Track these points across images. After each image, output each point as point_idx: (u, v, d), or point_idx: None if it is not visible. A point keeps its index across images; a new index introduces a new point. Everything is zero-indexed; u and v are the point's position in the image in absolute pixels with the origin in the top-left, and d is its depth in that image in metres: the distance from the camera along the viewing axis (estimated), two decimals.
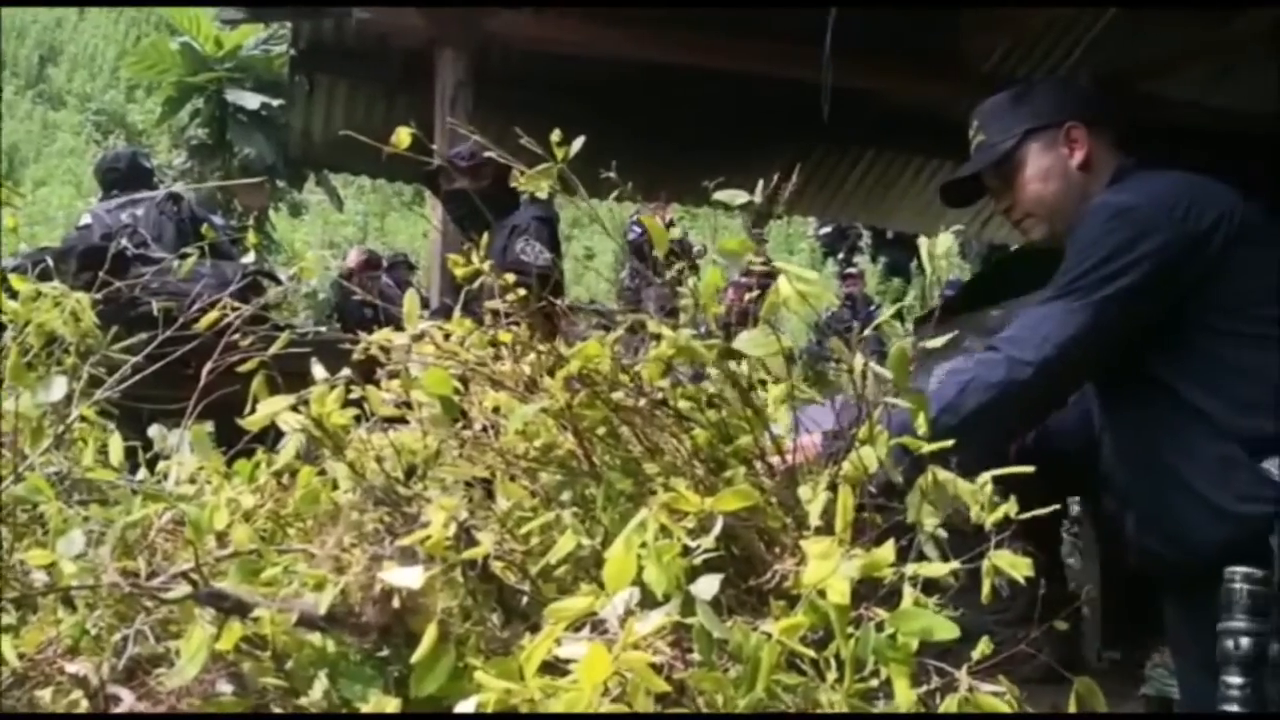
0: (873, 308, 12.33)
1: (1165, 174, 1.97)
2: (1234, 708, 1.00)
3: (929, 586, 1.38)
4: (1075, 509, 6.14)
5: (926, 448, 1.46)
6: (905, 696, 1.19)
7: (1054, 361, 1.85)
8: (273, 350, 1.53)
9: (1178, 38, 3.97)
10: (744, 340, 1.48)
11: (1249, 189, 1.95)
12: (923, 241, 1.46)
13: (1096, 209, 1.93)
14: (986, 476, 1.45)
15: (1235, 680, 0.98)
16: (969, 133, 2.13)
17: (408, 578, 1.03)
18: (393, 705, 1.05)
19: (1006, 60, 4.78)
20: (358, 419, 1.47)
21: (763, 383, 1.64)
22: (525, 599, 1.34)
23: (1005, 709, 1.27)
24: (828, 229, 15.42)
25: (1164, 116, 4.27)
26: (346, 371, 1.41)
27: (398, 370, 1.48)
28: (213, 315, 1.62)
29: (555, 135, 1.45)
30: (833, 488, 1.41)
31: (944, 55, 4.65)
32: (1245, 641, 0.97)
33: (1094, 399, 2.09)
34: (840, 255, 15.48)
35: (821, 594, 1.26)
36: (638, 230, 7.99)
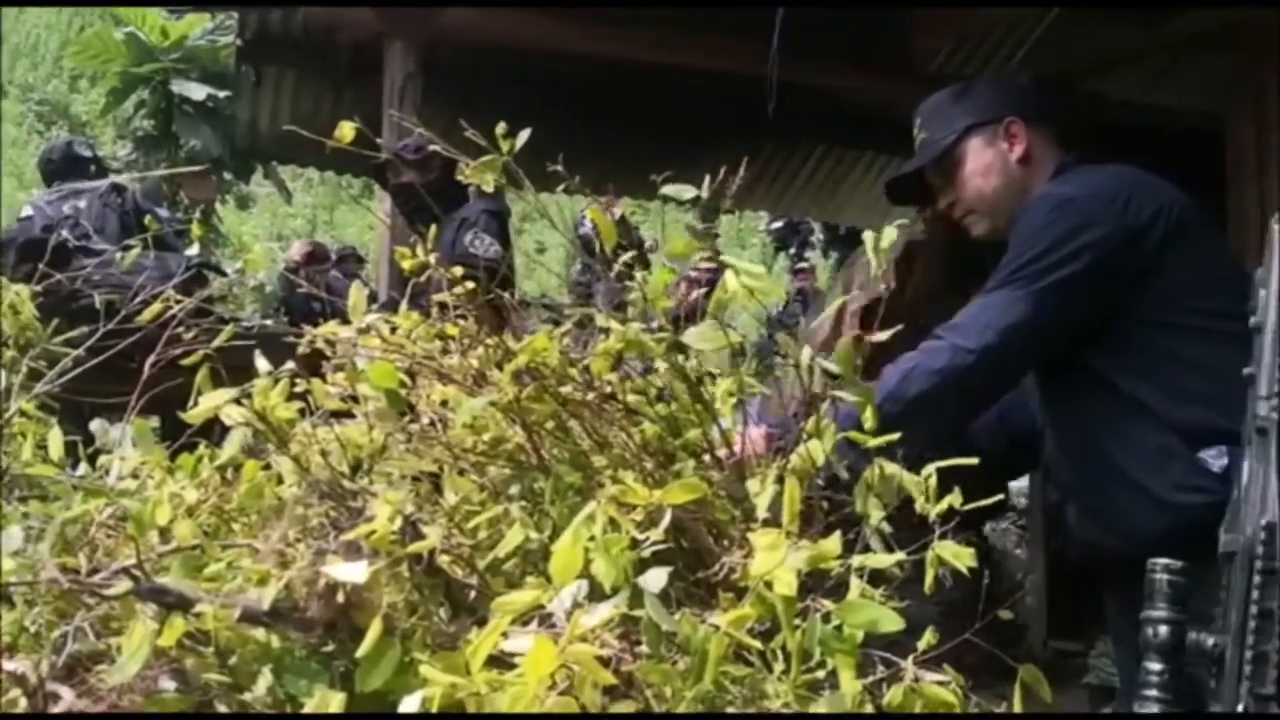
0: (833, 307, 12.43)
1: (1106, 167, 2.00)
2: (1153, 693, 1.02)
3: (877, 578, 1.39)
4: (1023, 501, 6.22)
5: (872, 441, 1.48)
6: (851, 687, 1.20)
7: (996, 349, 1.87)
8: (216, 343, 1.51)
9: (1118, 38, 4.03)
10: (692, 335, 1.49)
11: (1186, 186, 1.98)
12: (867, 236, 1.47)
13: (1039, 200, 1.96)
14: (931, 469, 1.47)
15: (1155, 667, 1.02)
16: (913, 130, 2.15)
17: (352, 572, 1.03)
18: (338, 700, 1.04)
19: (952, 59, 4.83)
20: (303, 413, 1.46)
21: (712, 376, 1.65)
22: (473, 593, 1.33)
23: (950, 699, 1.28)
24: (779, 224, 15.48)
25: (1104, 115, 4.34)
26: (290, 365, 1.39)
27: (344, 364, 1.47)
28: (156, 308, 1.59)
29: (501, 128, 1.45)
30: (781, 480, 1.42)
31: (891, 54, 4.69)
32: (1164, 630, 1.00)
33: (1035, 391, 2.11)
34: (792, 250, 15.54)
35: (769, 586, 1.27)
36: (588, 225, 8.00)
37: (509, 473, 1.55)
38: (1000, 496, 1.59)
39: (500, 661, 1.09)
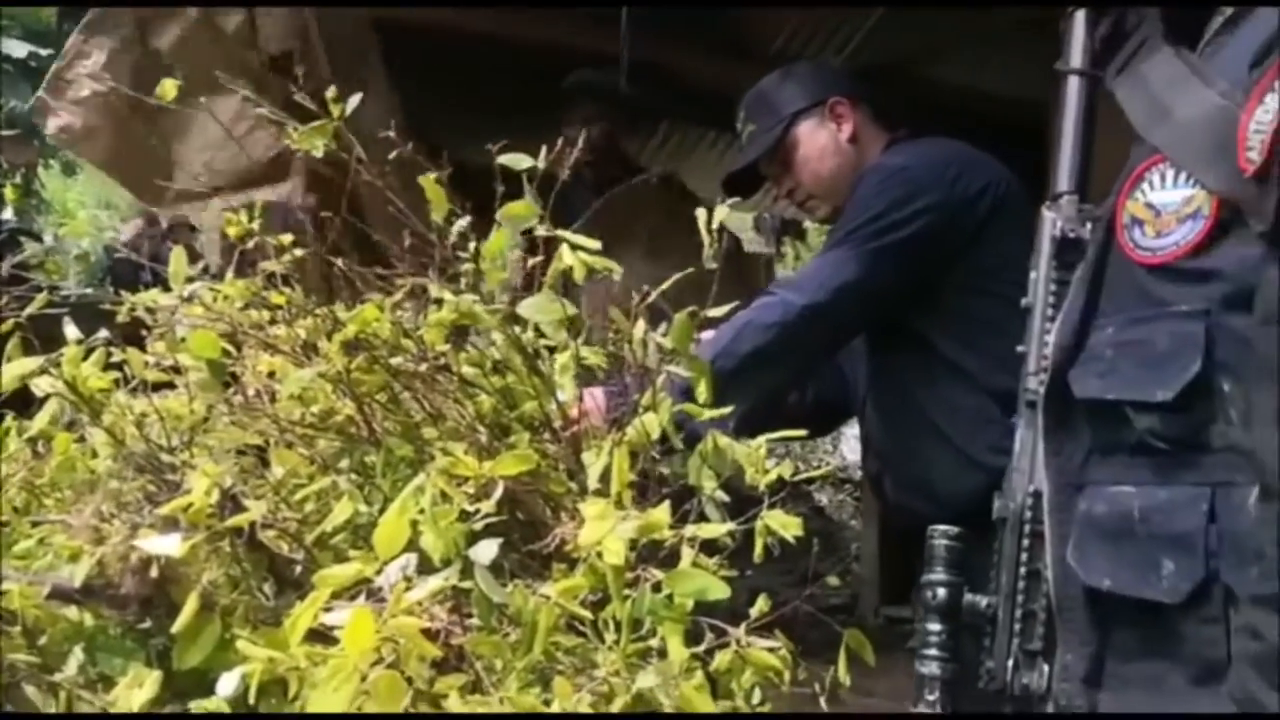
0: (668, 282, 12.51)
1: (936, 141, 2.06)
2: (932, 652, 1.08)
3: (714, 549, 1.41)
4: (859, 473, 6.39)
5: (706, 414, 1.49)
6: (678, 654, 1.22)
7: (826, 305, 1.91)
8: (29, 311, 1.44)
9: (948, 24, 4.15)
10: (528, 306, 1.48)
11: (1011, 167, 2.06)
12: (700, 213, 1.48)
13: (873, 169, 2.01)
14: (761, 440, 1.50)
15: (934, 627, 1.08)
16: (738, 124, 2.17)
17: (165, 546, 0.99)
18: (152, 679, 1.01)
19: (792, 42, 4.90)
20: (121, 384, 1.40)
21: (550, 350, 1.64)
22: (299, 569, 1.31)
23: (777, 664, 1.31)
24: None
25: (936, 99, 4.47)
26: (105, 333, 1.34)
27: (164, 333, 1.42)
28: None
29: (331, 92, 1.41)
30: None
31: (732, 35, 4.74)
32: (941, 592, 1.05)
33: (849, 355, 2.16)
34: None
35: (601, 556, 1.27)
36: None
37: (339, 446, 1.52)
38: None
39: (326, 638, 1.07)
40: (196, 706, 0.99)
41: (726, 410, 1.46)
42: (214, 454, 1.34)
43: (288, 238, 1.63)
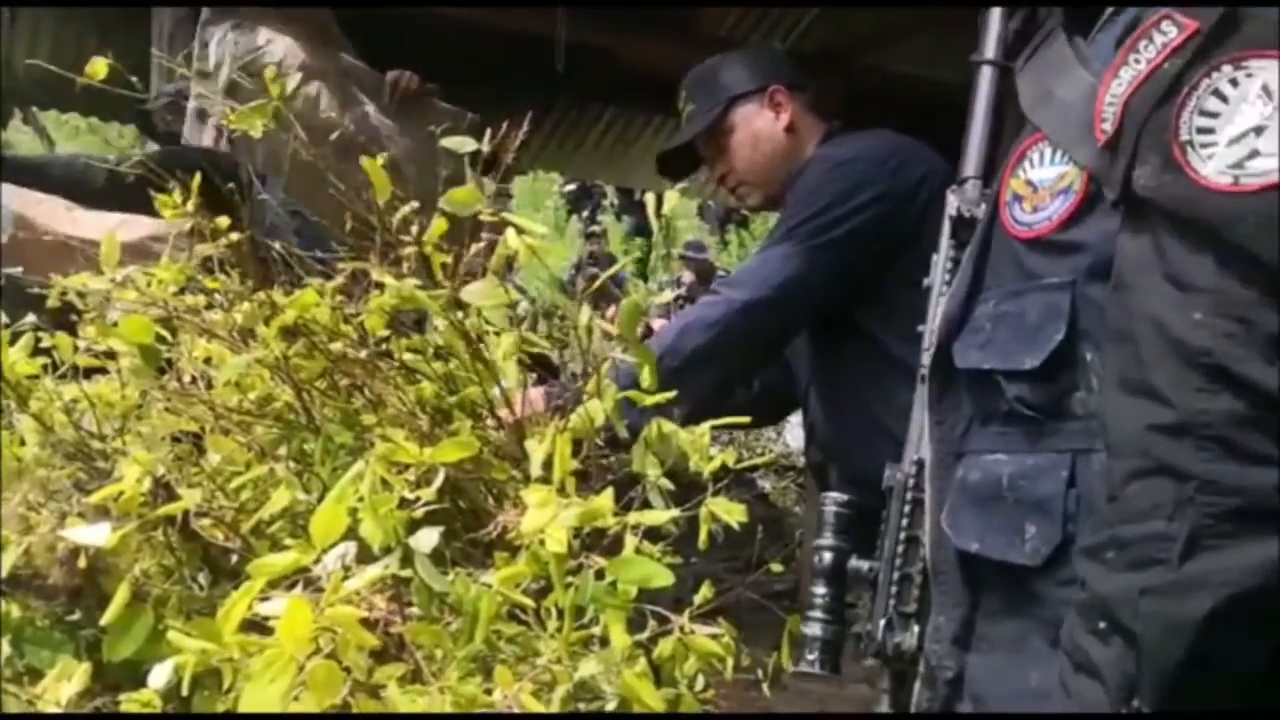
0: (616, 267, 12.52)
1: (874, 133, 2.06)
2: (817, 614, 1.11)
3: (658, 536, 1.40)
4: (801, 461, 6.43)
5: (649, 400, 1.49)
6: (621, 642, 1.21)
7: (769, 303, 1.91)
8: None
9: (897, 11, 4.17)
10: (472, 291, 1.45)
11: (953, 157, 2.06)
12: (649, 197, 1.47)
13: (816, 161, 2.01)
14: (705, 427, 1.49)
15: (820, 590, 1.11)
16: (679, 104, 2.16)
17: (94, 536, 0.96)
18: (81, 671, 0.98)
19: (739, 27, 4.89)
20: (50, 370, 1.36)
21: (494, 334, 1.62)
22: (235, 558, 1.28)
23: (720, 650, 1.31)
24: (572, 186, 15.48)
25: (884, 88, 4.48)
26: (32, 317, 1.30)
27: (95, 317, 1.39)
28: None
29: (270, 72, 1.38)
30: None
31: (679, 18, 4.72)
32: (828, 556, 1.09)
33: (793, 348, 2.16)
34: (585, 214, 15.57)
35: (544, 544, 1.26)
36: None
37: (277, 433, 1.49)
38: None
39: (262, 628, 1.04)
40: (127, 699, 0.97)
41: (670, 395, 1.45)
42: (147, 441, 1.31)
43: (224, 220, 1.60)
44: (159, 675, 0.96)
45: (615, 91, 5.47)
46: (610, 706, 1.32)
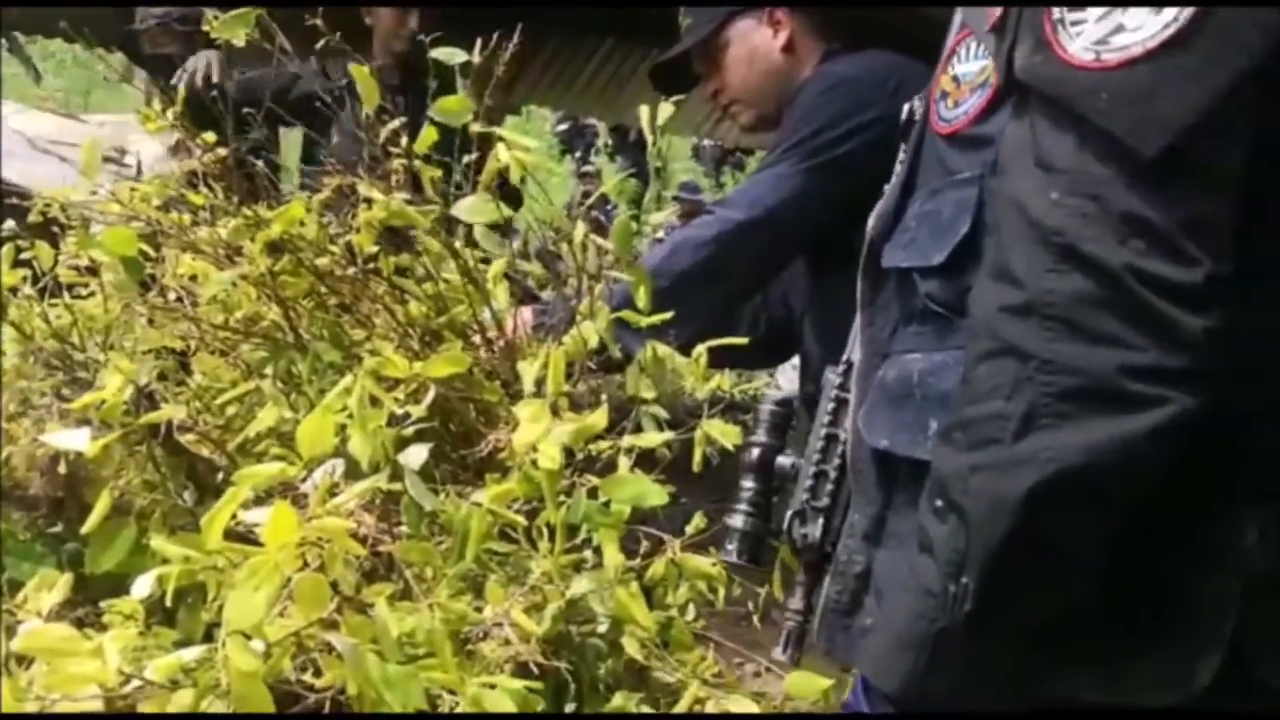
0: (609, 207, 12.44)
1: (874, 52, 2.01)
2: (741, 507, 1.13)
3: (650, 465, 1.38)
4: (796, 402, 6.41)
5: (644, 321, 1.46)
6: (613, 559, 1.19)
7: (763, 222, 1.86)
8: None
9: None
10: (463, 207, 1.42)
11: None
12: (643, 109, 1.43)
13: (815, 79, 1.96)
14: (702, 348, 1.47)
15: (747, 484, 1.12)
16: (679, 16, 2.11)
17: (74, 440, 0.94)
18: (63, 582, 0.96)
19: None
20: (30, 282, 1.33)
21: (485, 261, 1.59)
22: (221, 475, 1.26)
23: (712, 571, 1.29)
24: (564, 126, 15.34)
25: (875, 16, 4.41)
26: (11, 224, 1.27)
27: (77, 229, 1.35)
28: None
29: None
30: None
31: None
32: (755, 452, 1.11)
33: (796, 284, 2.13)
34: (577, 154, 15.44)
35: (535, 465, 1.24)
36: None
37: (263, 354, 1.46)
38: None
39: (247, 540, 1.02)
40: (109, 606, 0.95)
41: (665, 316, 1.42)
42: (131, 356, 1.28)
43: (210, 135, 1.56)
44: (142, 586, 0.94)
45: (612, 24, 5.38)
46: (602, 628, 1.31)
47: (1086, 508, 0.72)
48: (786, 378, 7.49)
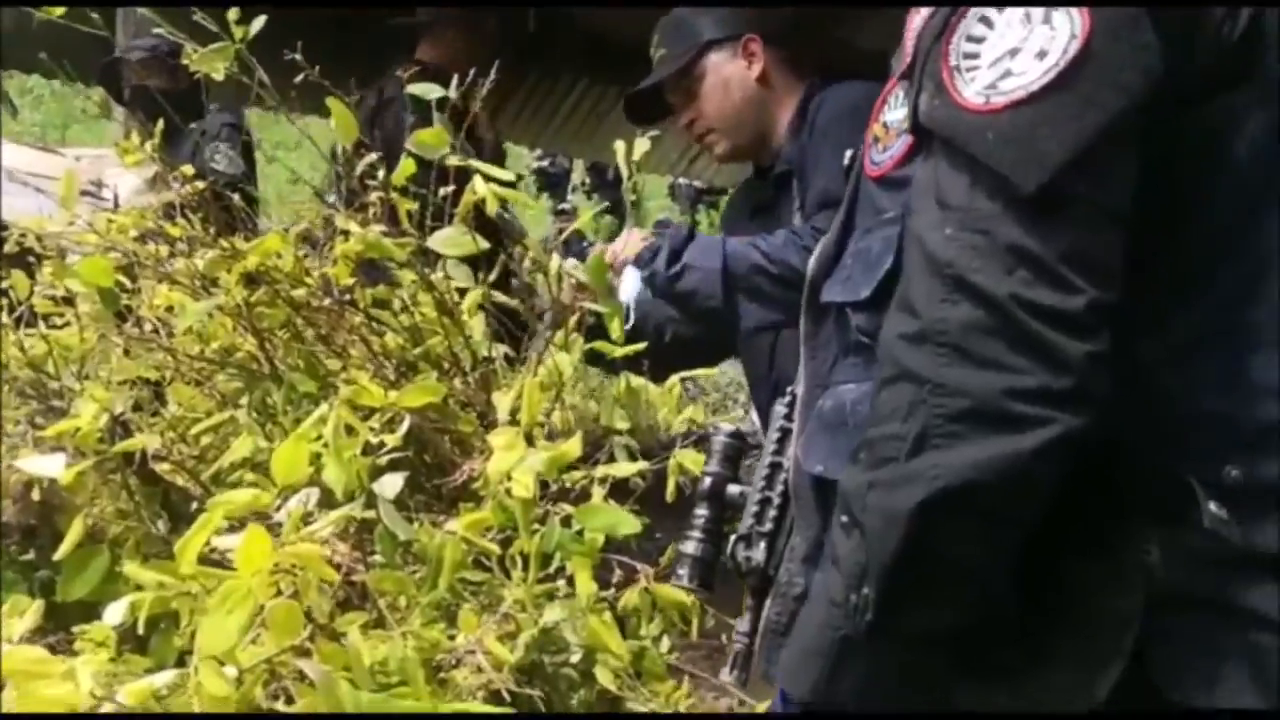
0: (585, 244, 12.46)
1: (865, 83, 2.01)
2: (693, 534, 1.15)
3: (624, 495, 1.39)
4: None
5: (619, 351, 1.47)
6: (585, 588, 1.20)
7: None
8: None
9: None
10: (439, 239, 1.44)
11: None
12: (619, 145, 1.45)
13: (827, 120, 1.95)
14: (674, 380, 1.48)
15: (701, 512, 1.15)
16: (650, 49, 2.13)
17: (47, 467, 0.94)
18: (35, 608, 0.96)
19: None
20: (6, 312, 1.33)
21: (460, 293, 1.60)
22: (195, 505, 1.26)
23: (684, 599, 1.30)
24: (544, 162, 15.38)
25: (851, 62, 4.46)
26: None
27: (53, 259, 1.36)
28: None
29: (234, 13, 1.35)
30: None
31: None
32: (708, 481, 1.14)
33: None
34: (555, 191, 15.48)
35: (510, 494, 1.25)
36: None
37: (239, 384, 1.47)
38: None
39: (221, 567, 1.03)
40: (81, 631, 0.95)
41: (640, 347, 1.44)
42: (106, 385, 1.29)
43: (189, 168, 1.58)
44: (114, 613, 0.94)
45: (589, 63, 5.43)
46: (575, 658, 1.31)
47: (974, 522, 0.76)
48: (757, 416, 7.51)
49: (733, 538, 1.08)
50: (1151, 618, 0.76)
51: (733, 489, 1.14)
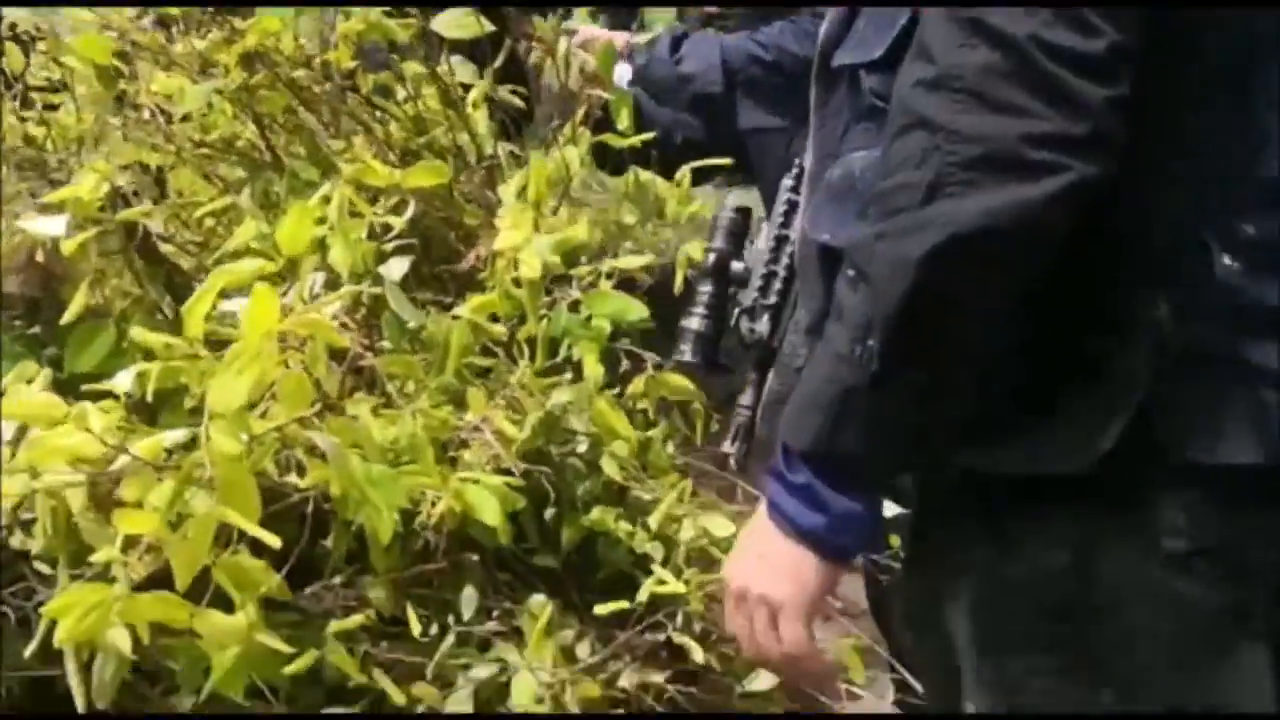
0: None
1: None
2: (696, 310, 1.12)
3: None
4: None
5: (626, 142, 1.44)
6: (594, 371, 1.20)
7: None
8: None
9: None
10: (442, 20, 1.39)
11: None
12: None
13: None
14: (685, 170, 1.46)
15: (703, 288, 1.12)
16: None
17: (51, 226, 0.92)
18: (44, 376, 0.96)
19: None
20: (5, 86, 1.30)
21: (465, 88, 1.56)
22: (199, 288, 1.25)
23: (689, 388, 1.30)
24: None
25: None
26: None
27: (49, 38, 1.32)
28: None
29: None
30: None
31: None
32: (712, 257, 1.11)
33: None
34: None
35: (517, 284, 1.24)
36: None
37: (241, 174, 1.44)
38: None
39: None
40: (89, 391, 0.94)
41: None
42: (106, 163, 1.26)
43: None
44: (123, 378, 0.93)
45: None
46: (582, 447, 1.32)
47: (984, 269, 0.74)
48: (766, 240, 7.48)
49: (736, 311, 1.07)
50: (1158, 374, 0.75)
51: (737, 265, 1.12)
